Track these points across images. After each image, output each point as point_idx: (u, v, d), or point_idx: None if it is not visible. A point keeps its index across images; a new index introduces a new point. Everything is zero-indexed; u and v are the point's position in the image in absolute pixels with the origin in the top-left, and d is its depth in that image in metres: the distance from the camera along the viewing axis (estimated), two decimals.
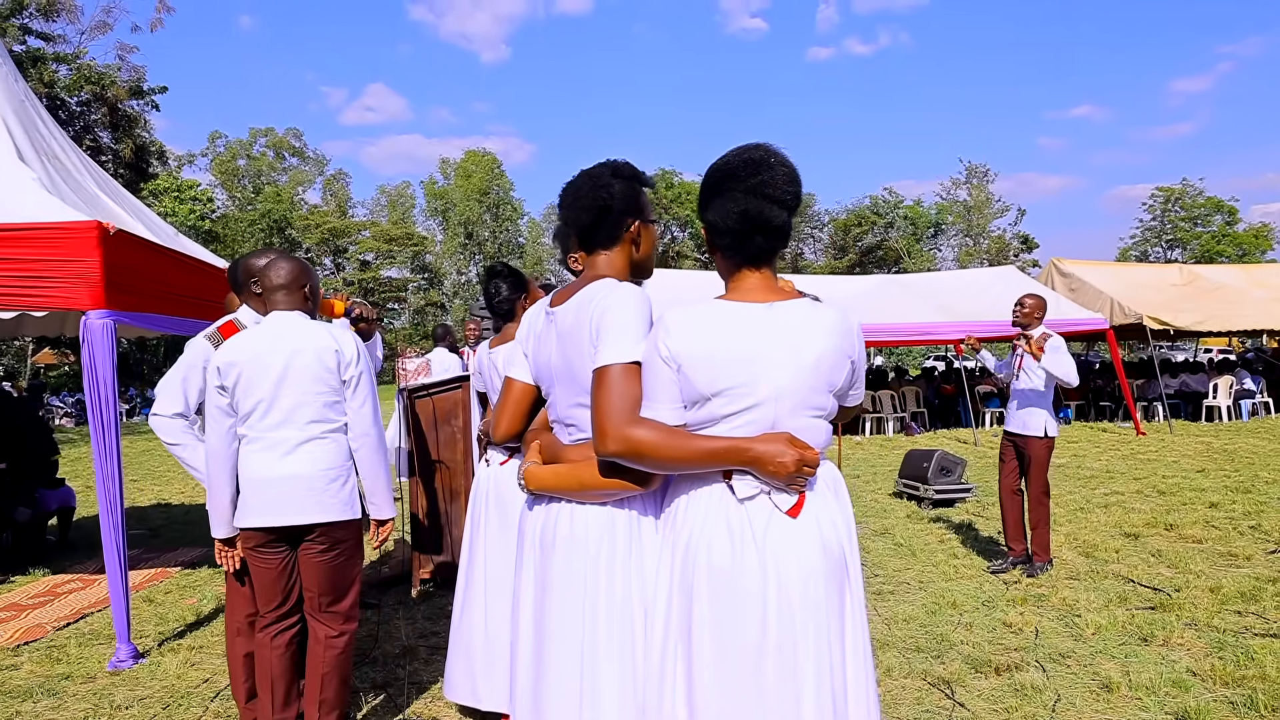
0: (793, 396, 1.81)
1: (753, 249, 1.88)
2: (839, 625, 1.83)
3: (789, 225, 1.90)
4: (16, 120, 5.34)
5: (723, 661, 1.77)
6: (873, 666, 1.91)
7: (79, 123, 24.11)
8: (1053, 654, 4.12)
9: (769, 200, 1.84)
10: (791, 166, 1.89)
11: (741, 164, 1.85)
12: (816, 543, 1.81)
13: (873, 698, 1.89)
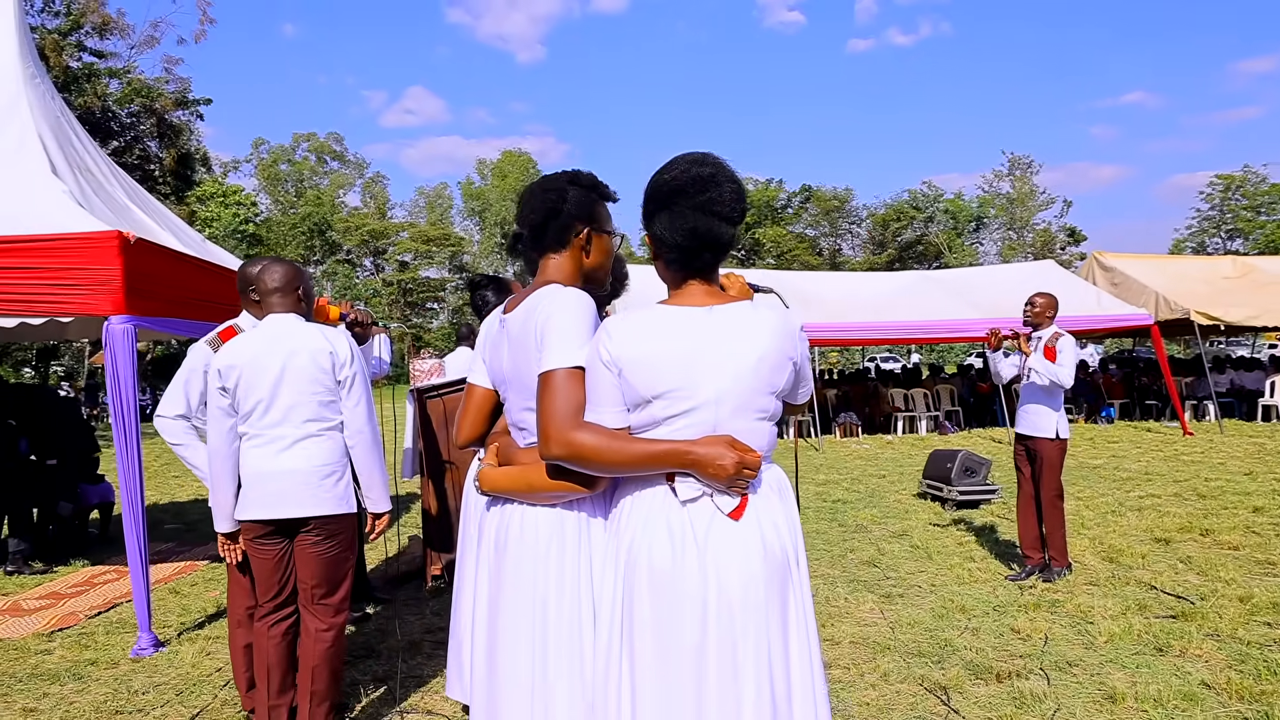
0: (734, 399, 1.85)
1: (699, 264, 1.92)
2: (781, 628, 1.86)
3: (734, 239, 1.94)
4: (52, 136, 5.54)
5: (663, 663, 1.81)
6: (820, 671, 1.93)
7: (129, 133, 24.82)
8: (1059, 662, 4.08)
9: (717, 218, 1.88)
10: (738, 182, 1.93)
11: (690, 180, 1.88)
12: (758, 545, 1.84)
13: (821, 703, 1.91)
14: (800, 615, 1.91)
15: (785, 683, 1.86)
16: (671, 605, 1.81)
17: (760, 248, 54.48)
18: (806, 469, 11.41)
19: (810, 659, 1.90)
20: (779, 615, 1.86)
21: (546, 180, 2.17)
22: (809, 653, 1.90)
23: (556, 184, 2.14)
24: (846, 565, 6.01)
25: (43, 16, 22.54)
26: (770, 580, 1.85)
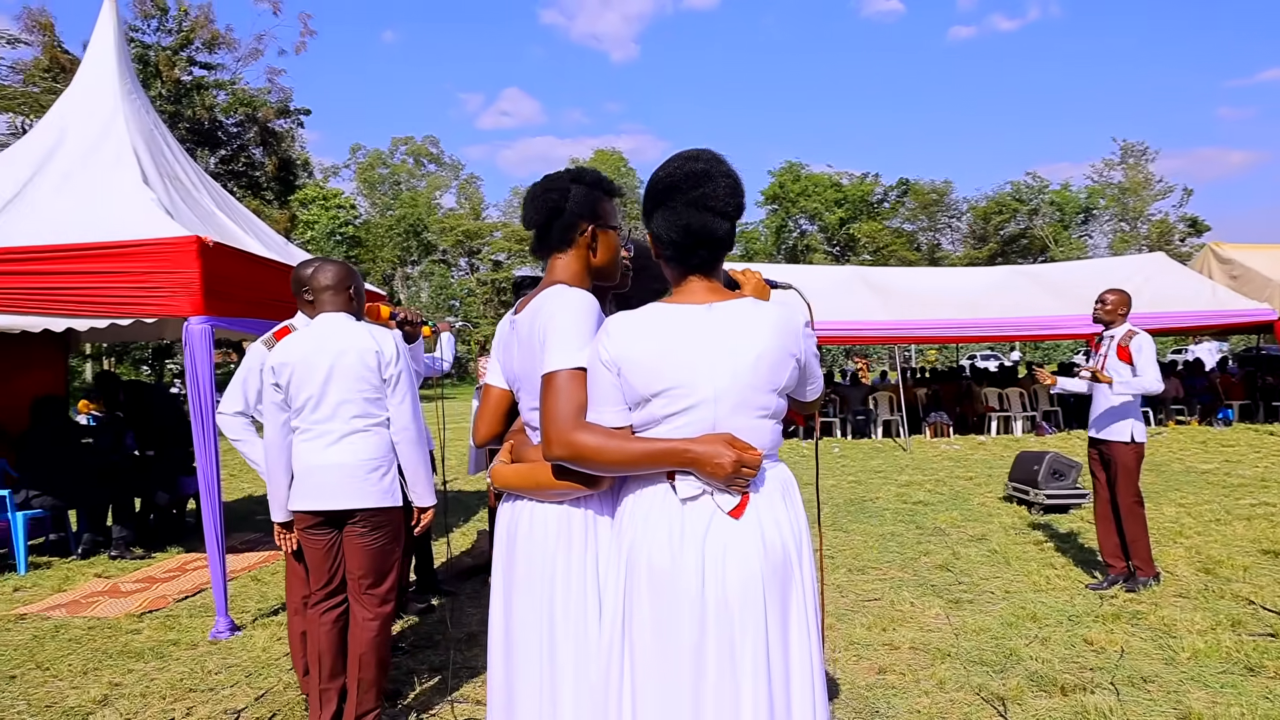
0: (733, 397, 1.82)
1: (696, 260, 1.90)
2: (781, 629, 1.82)
3: (732, 235, 1.92)
4: (145, 147, 5.88)
5: (662, 661, 1.79)
6: (821, 674, 1.89)
7: (235, 142, 26.10)
8: (1133, 677, 3.86)
9: (711, 213, 1.85)
10: (734, 177, 1.89)
11: (684, 176, 1.87)
12: (758, 545, 1.81)
13: (820, 706, 1.86)
14: (801, 616, 1.86)
15: (784, 684, 1.82)
16: (670, 604, 1.80)
17: (855, 243, 53.45)
18: (890, 469, 11.15)
19: (811, 661, 1.86)
20: (779, 616, 1.82)
21: (549, 180, 2.18)
22: (809, 655, 1.86)
23: (559, 183, 2.15)
24: (918, 569, 5.84)
25: (158, 35, 23.88)
26: (770, 580, 1.81)
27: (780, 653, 1.82)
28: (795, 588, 1.85)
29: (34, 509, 6.46)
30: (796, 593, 1.86)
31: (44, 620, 5.00)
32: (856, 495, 9.06)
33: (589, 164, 59.95)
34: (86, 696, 3.82)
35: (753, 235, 56.17)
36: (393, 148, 62.73)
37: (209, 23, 24.38)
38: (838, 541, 6.74)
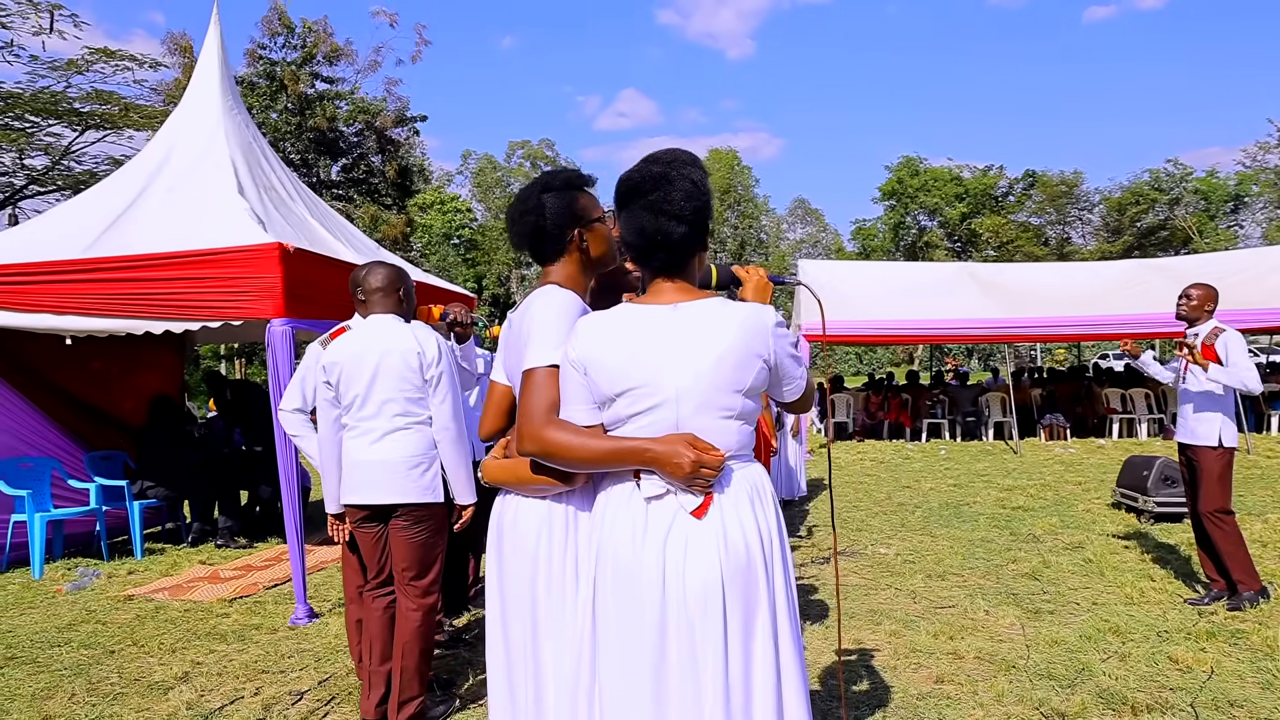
0: (695, 397, 1.81)
1: (656, 262, 1.90)
2: (743, 632, 1.79)
3: (692, 237, 1.90)
4: (243, 159, 6.24)
5: (626, 658, 1.80)
6: (794, 680, 1.84)
7: (356, 150, 27.36)
8: (1219, 700, 3.59)
9: (667, 216, 1.85)
10: (693, 181, 1.88)
11: (642, 179, 1.87)
12: (719, 546, 1.78)
13: (796, 712, 1.82)
14: (767, 620, 1.82)
15: (744, 687, 1.79)
16: (632, 600, 1.80)
17: (977, 239, 51.43)
18: (995, 473, 10.70)
19: (776, 665, 1.82)
20: (741, 618, 1.79)
21: (521, 199, 2.19)
22: (773, 659, 1.81)
23: (529, 201, 2.16)
24: (1002, 576, 5.59)
25: (284, 51, 25.27)
26: (732, 582, 1.78)
27: (741, 655, 1.79)
28: (759, 590, 1.81)
29: (149, 499, 6.95)
30: (762, 595, 1.82)
31: (148, 601, 5.37)
32: (953, 499, 8.73)
33: (706, 164, 59.82)
34: (170, 673, 4.09)
35: (870, 232, 54.87)
36: (510, 150, 64.33)
37: (329, 37, 25.68)
38: (921, 546, 6.52)
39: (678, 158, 1.90)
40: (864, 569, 5.86)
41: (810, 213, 70.51)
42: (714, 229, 58.04)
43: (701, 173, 1.90)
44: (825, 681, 3.85)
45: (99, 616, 5.07)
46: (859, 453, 13.32)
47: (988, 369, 27.38)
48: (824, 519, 7.76)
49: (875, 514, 7.98)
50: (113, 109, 16.65)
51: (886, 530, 7.19)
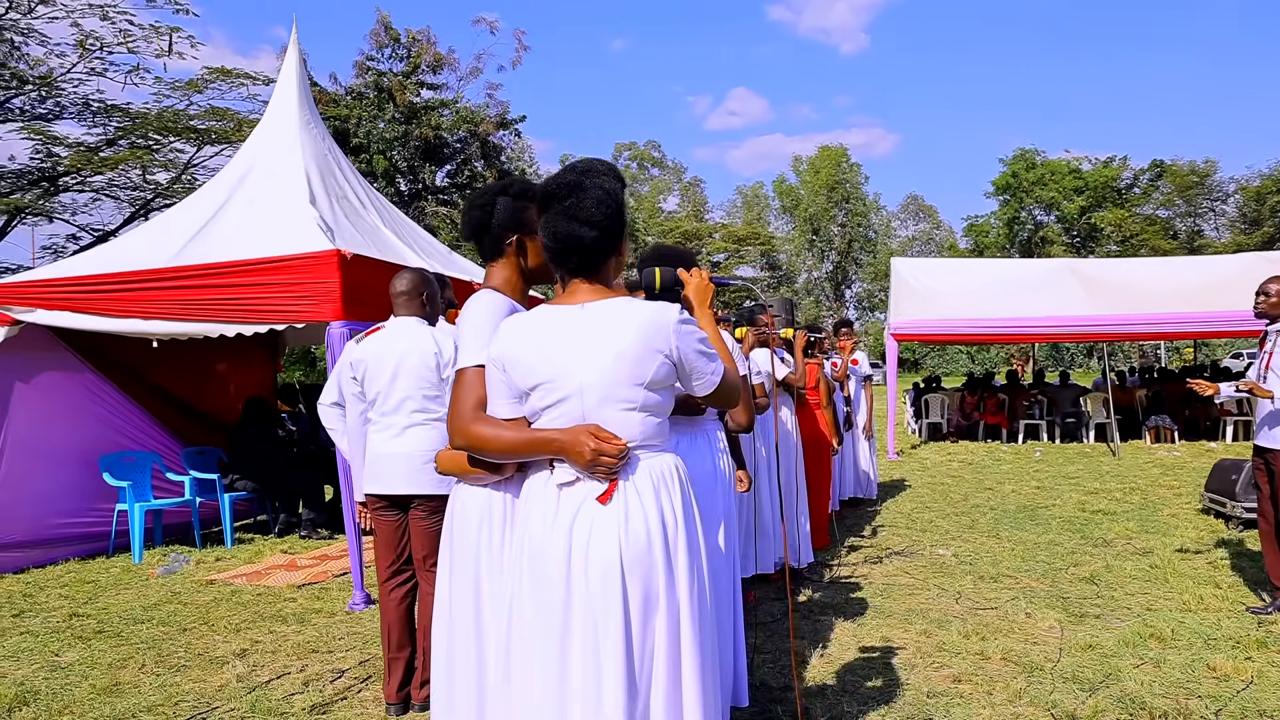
0: (598, 390, 1.93)
1: (570, 265, 2.02)
2: (642, 615, 1.89)
3: (602, 242, 2.00)
4: (317, 170, 6.64)
5: (534, 637, 1.92)
6: (695, 665, 1.92)
7: (460, 157, 28.27)
8: (1248, 709, 3.43)
9: (578, 222, 1.96)
10: (605, 190, 1.98)
11: (558, 187, 1.99)
12: (620, 531, 1.89)
13: (697, 697, 1.90)
14: (671, 605, 1.91)
15: (646, 669, 1.88)
16: (542, 580, 1.92)
17: (1098, 233, 48.96)
18: (1085, 476, 10.27)
19: (679, 650, 1.91)
20: (641, 602, 1.89)
21: (477, 194, 2.36)
22: (677, 643, 1.91)
23: (484, 198, 2.32)
24: (1058, 580, 5.42)
25: (390, 62, 26.38)
26: (632, 566, 1.88)
27: (641, 637, 1.89)
28: (658, 575, 1.91)
29: (239, 492, 7.46)
30: (661, 580, 1.91)
31: (226, 586, 5.80)
32: (1032, 502, 8.45)
33: (812, 160, 58.99)
34: (229, 649, 4.44)
35: (982, 228, 52.91)
36: (616, 153, 65.07)
37: (432, 46, 26.64)
38: (982, 548, 6.37)
39: (592, 167, 2.01)
40: (916, 569, 5.78)
41: (924, 209, 68.59)
42: (820, 227, 57.56)
43: (615, 182, 2.01)
44: (843, 678, 3.85)
45: (181, 598, 5.51)
46: (948, 454, 12.99)
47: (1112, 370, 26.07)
48: (892, 520, 7.64)
49: (946, 515, 7.82)
50: (228, 125, 17.81)
51: (953, 532, 7.04)
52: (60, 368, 6.76)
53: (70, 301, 5.90)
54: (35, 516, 6.53)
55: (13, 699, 3.81)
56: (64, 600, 5.51)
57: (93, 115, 17.62)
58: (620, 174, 2.07)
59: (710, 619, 2.05)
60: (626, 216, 2.03)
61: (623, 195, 2.02)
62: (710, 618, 2.05)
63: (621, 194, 2.01)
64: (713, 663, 2.02)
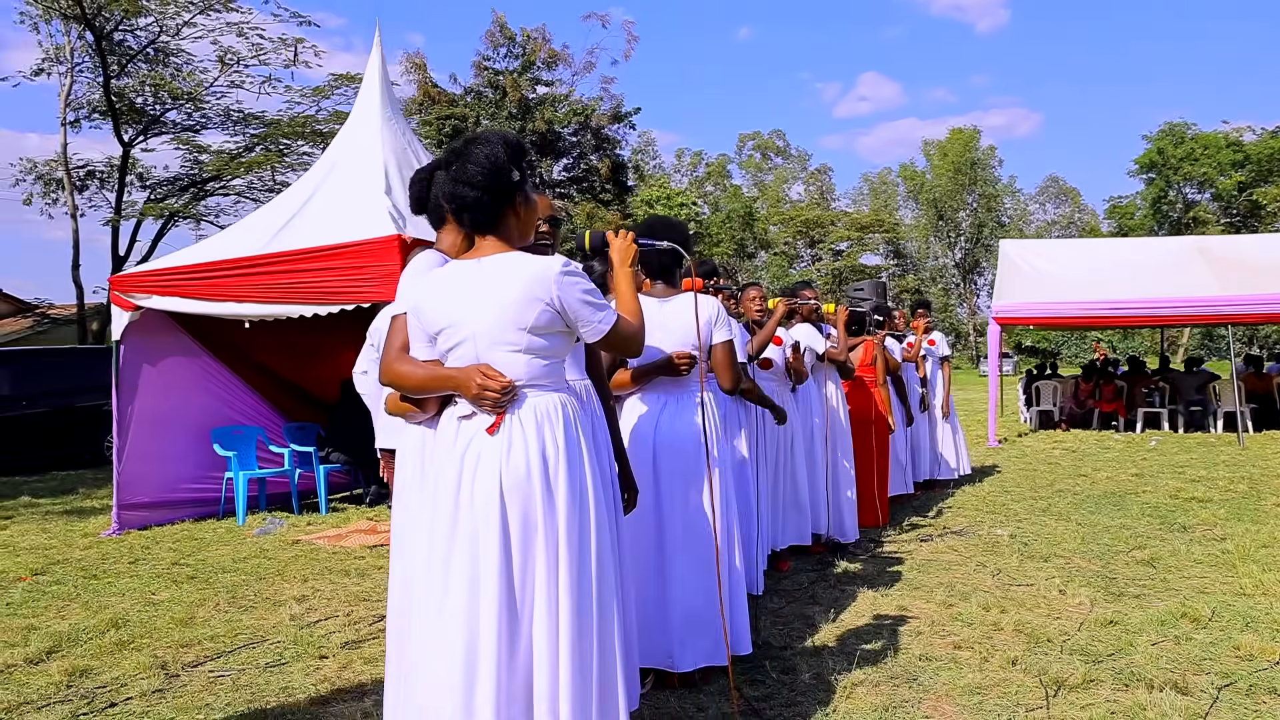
0: (487, 335, 2.16)
1: (466, 223, 2.27)
2: (522, 541, 2.11)
3: (485, 201, 2.21)
4: (395, 161, 7.08)
5: (429, 557, 2.17)
6: (571, 594, 2.12)
7: (575, 150, 28.99)
8: (1258, 687, 3.30)
9: (462, 184, 2.20)
10: (486, 154, 2.19)
11: (449, 154, 2.27)
12: (501, 459, 2.13)
13: (568, 623, 2.10)
14: (551, 533, 2.12)
15: (528, 598, 2.10)
16: (437, 505, 2.18)
17: (1260, 211, 45.18)
18: (1196, 465, 9.72)
19: (558, 574, 2.11)
20: (520, 527, 2.11)
21: (418, 171, 2.61)
22: (556, 568, 2.11)
23: (424, 174, 2.57)
24: (1112, 561, 5.25)
25: (506, 60, 27.30)
26: (511, 493, 2.11)
27: (523, 563, 2.10)
28: (538, 503, 2.11)
29: (333, 464, 8.07)
30: (542, 508, 2.12)
31: (308, 545, 6.33)
32: (1122, 488, 8.09)
33: (940, 144, 56.99)
34: (292, 595, 4.90)
35: (1127, 209, 49.79)
36: (740, 144, 64.85)
37: (546, 43, 27.47)
38: (1045, 530, 6.19)
39: (478, 137, 2.24)
40: (966, 547, 5.71)
41: (1065, 191, 65.03)
42: (944, 212, 55.44)
43: (498, 148, 2.20)
44: (844, 640, 3.92)
45: (267, 554, 6.06)
46: (1054, 442, 12.46)
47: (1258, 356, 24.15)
48: (964, 502, 7.48)
49: (1023, 499, 7.60)
50: None
51: (1022, 514, 6.86)
52: (179, 349, 7.50)
53: (176, 288, 6.57)
54: (158, 481, 7.29)
55: (107, 624, 4.37)
56: (171, 552, 6.17)
57: (234, 124, 19.14)
58: (514, 142, 2.26)
59: (606, 551, 2.24)
60: (514, 178, 2.22)
61: (507, 159, 2.20)
62: (607, 550, 2.24)
63: (505, 158, 2.20)
64: (603, 590, 2.21)
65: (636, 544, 3.39)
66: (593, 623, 2.20)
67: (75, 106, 19.16)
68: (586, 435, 2.29)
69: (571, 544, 2.15)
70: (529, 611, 2.12)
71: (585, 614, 2.18)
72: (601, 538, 2.24)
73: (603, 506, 2.28)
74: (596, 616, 2.21)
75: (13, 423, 11.09)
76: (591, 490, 2.23)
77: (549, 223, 2.88)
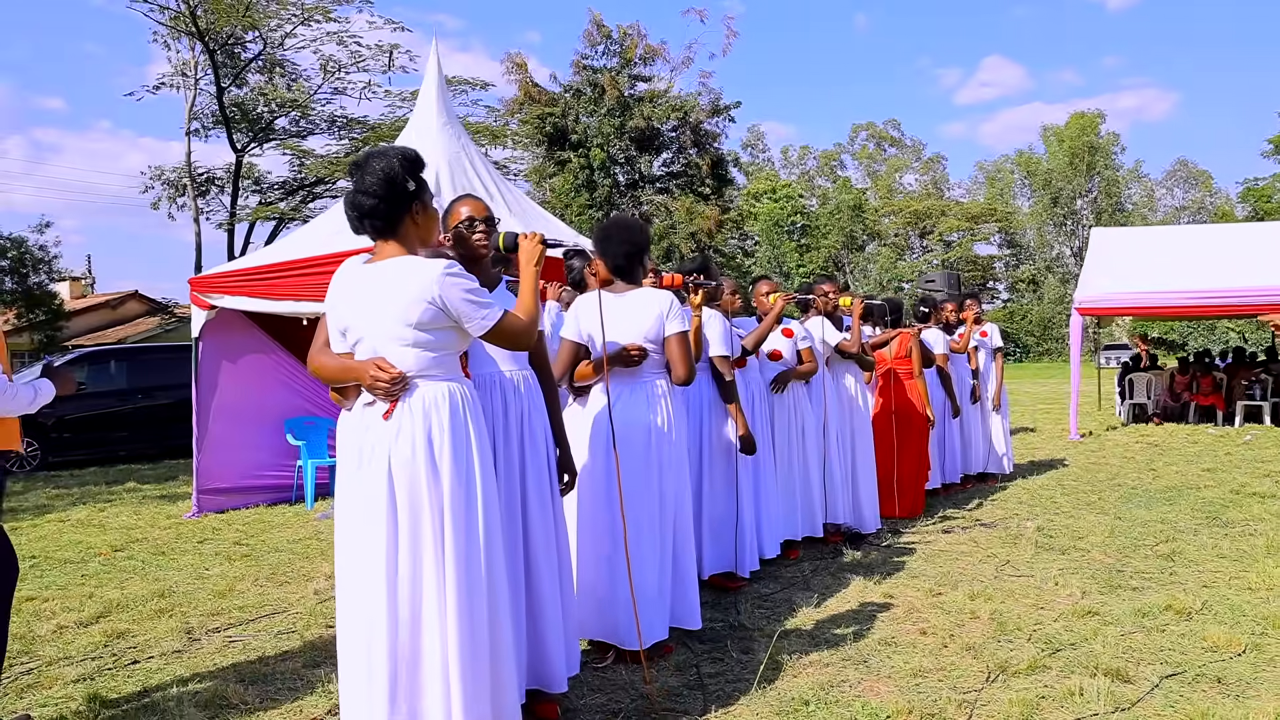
0: (380, 331, 2.44)
1: (366, 229, 2.53)
2: (410, 519, 2.39)
3: (380, 209, 2.47)
4: (447, 166, 7.48)
5: (340, 531, 2.46)
6: (460, 567, 2.38)
7: (674, 146, 29.21)
8: (1206, 676, 3.27)
9: (360, 193, 2.47)
10: (383, 167, 2.45)
11: (351, 167, 2.53)
12: (390, 442, 2.41)
13: (455, 598, 2.36)
14: (434, 510, 2.38)
15: (415, 570, 2.37)
16: (345, 479, 2.47)
17: None
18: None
19: (442, 552, 2.37)
20: (409, 505, 2.38)
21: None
22: (439, 551, 2.38)
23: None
24: (1131, 556, 5.14)
25: (604, 58, 27.77)
26: (399, 473, 2.38)
27: (412, 537, 2.36)
28: (423, 482, 2.38)
29: None
30: (427, 487, 2.39)
31: None
32: (1185, 483, 7.77)
33: (1059, 131, 54.35)
34: (324, 571, 5.32)
35: (1263, 193, 46.32)
36: (853, 134, 63.65)
37: (643, 39, 27.80)
38: (1074, 524, 6.07)
39: (376, 152, 2.51)
40: (986, 539, 5.68)
41: (1194, 175, 60.98)
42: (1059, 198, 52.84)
43: (394, 161, 2.46)
44: (817, 623, 4.04)
45: (320, 536, 6.55)
46: (1141, 436, 11.95)
47: None
48: (1011, 495, 7.34)
49: (1073, 493, 7.41)
50: None
51: (1064, 508, 6.72)
52: (253, 346, 8.14)
53: (244, 288, 7.16)
54: (235, 468, 7.94)
55: (155, 594, 4.89)
56: (237, 533, 6.75)
57: (338, 129, 20.25)
58: (411, 156, 2.52)
59: (495, 525, 2.49)
60: (410, 187, 2.48)
61: (402, 171, 2.46)
62: (495, 524, 2.49)
63: (400, 170, 2.45)
64: (492, 561, 2.46)
65: (595, 525, 3.63)
66: (482, 591, 2.45)
67: (196, 117, 20.66)
68: (476, 420, 2.53)
69: (458, 519, 2.41)
70: (419, 581, 2.38)
71: (475, 584, 2.43)
72: (490, 513, 2.49)
73: (491, 484, 2.52)
74: (486, 585, 2.46)
75: (131, 414, 12.17)
76: (479, 470, 2.47)
77: (485, 223, 3.12)
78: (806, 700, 3.14)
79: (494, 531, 2.51)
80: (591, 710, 3.18)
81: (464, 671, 2.39)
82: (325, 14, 17.76)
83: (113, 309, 27.40)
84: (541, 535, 3.06)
